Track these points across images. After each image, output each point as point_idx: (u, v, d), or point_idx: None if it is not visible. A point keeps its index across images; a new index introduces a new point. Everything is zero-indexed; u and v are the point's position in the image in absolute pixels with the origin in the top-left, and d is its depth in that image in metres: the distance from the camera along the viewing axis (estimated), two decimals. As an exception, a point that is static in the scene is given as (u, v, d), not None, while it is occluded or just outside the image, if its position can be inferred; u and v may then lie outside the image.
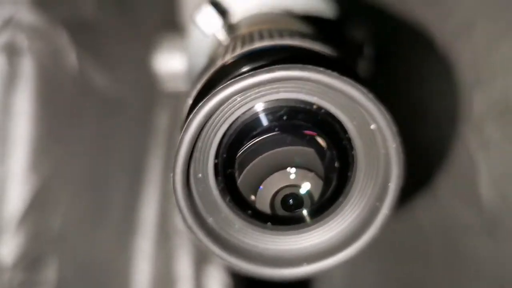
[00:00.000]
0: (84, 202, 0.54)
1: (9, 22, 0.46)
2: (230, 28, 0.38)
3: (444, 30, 0.50)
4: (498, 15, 0.43)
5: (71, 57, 0.50)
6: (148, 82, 0.54)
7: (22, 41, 0.47)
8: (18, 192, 0.46)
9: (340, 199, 0.30)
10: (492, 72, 0.42)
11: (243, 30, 0.36)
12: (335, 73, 0.24)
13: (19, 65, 0.46)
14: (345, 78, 0.24)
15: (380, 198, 0.28)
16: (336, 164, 0.29)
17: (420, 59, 0.54)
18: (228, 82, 0.24)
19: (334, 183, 0.29)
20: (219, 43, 0.37)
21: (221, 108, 0.26)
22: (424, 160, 0.50)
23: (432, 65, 0.51)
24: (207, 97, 0.24)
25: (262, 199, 0.28)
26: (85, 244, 0.54)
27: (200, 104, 0.24)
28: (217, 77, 0.28)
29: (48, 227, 0.49)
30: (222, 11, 0.38)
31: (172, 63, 0.44)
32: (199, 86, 0.29)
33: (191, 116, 0.25)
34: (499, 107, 0.41)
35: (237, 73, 0.27)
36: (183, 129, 0.25)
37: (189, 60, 0.42)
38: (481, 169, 0.41)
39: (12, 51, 0.46)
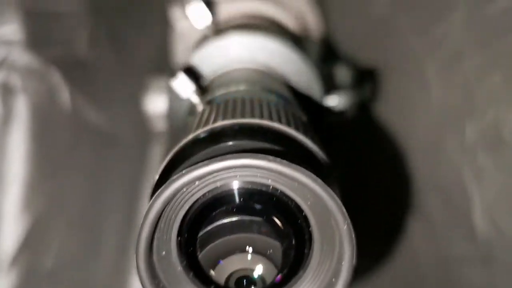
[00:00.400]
0: (78, 238, 0.54)
1: (2, 63, 0.46)
2: (203, 90, 0.40)
3: (434, 60, 0.51)
4: (488, 45, 0.43)
5: (65, 95, 0.50)
6: (141, 118, 0.54)
7: (16, 81, 0.47)
8: (11, 230, 0.46)
9: (299, 274, 0.30)
10: (484, 102, 0.43)
11: (215, 92, 0.38)
12: (284, 161, 0.25)
13: (13, 105, 0.47)
14: (294, 165, 0.25)
15: (336, 274, 0.29)
16: (293, 242, 0.30)
17: (411, 89, 0.54)
18: (184, 171, 0.25)
19: (291, 260, 0.30)
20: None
21: (180, 192, 0.27)
22: (419, 190, 0.50)
23: (423, 95, 0.52)
24: (165, 185, 0.26)
25: (220, 276, 0.30)
26: (78, 281, 0.54)
27: (157, 192, 0.26)
28: (179, 158, 0.30)
29: (42, 264, 0.49)
30: (196, 77, 0.39)
31: (159, 105, 0.45)
32: (164, 163, 0.31)
33: (150, 203, 0.26)
34: (491, 137, 0.41)
35: (196, 156, 0.28)
36: (144, 214, 0.26)
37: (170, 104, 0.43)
38: (475, 200, 0.41)
39: (6, 91, 0.46)
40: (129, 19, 0.60)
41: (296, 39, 0.41)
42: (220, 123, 0.30)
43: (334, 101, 0.42)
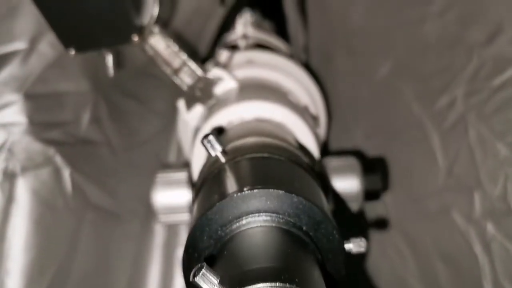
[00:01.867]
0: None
1: (2, 146, 0.46)
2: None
3: (439, 130, 0.51)
4: (492, 116, 0.44)
5: (66, 176, 0.50)
6: (145, 197, 0.54)
7: (16, 165, 0.47)
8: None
9: None
10: (491, 173, 0.43)
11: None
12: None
13: (13, 190, 0.47)
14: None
15: None
16: None
17: (416, 157, 0.55)
18: None
19: None
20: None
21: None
22: (427, 260, 0.50)
23: (429, 164, 0.52)
24: None
25: None
26: None
27: None
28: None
29: None
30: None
31: (166, 200, 0.45)
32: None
33: None
34: (499, 209, 0.41)
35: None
36: None
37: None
38: (486, 270, 0.41)
39: (6, 176, 0.46)
40: (132, 96, 0.60)
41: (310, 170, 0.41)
42: None
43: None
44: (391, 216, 0.57)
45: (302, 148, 0.41)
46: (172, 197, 0.44)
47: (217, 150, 0.33)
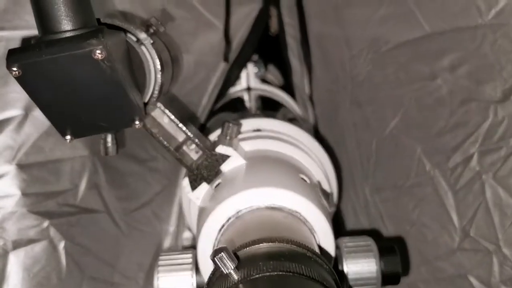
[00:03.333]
0: None
1: None
2: None
3: (455, 188, 0.49)
4: (510, 175, 0.42)
5: (59, 249, 0.48)
6: (145, 262, 0.51)
7: (8, 239, 0.45)
8: None
9: None
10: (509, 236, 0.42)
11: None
12: None
13: (5, 268, 0.44)
14: None
15: None
16: None
17: (432, 218, 0.53)
18: None
19: None
20: None
21: None
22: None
23: (445, 224, 0.50)
24: None
25: None
26: None
27: None
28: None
29: None
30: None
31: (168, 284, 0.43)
32: None
33: None
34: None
35: None
36: None
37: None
38: None
39: None
40: (130, 156, 0.58)
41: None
42: None
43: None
44: (404, 278, 0.55)
45: (319, 247, 0.39)
46: (176, 283, 0.42)
47: (229, 268, 0.31)
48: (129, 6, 0.56)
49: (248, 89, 0.69)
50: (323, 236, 0.39)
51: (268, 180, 0.39)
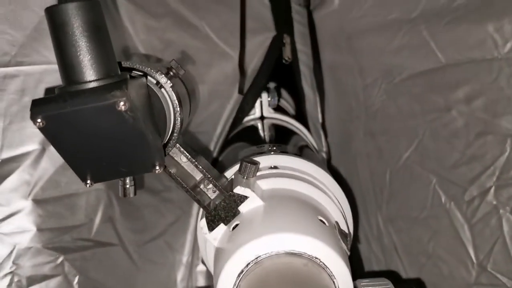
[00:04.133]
0: None
1: (7, 259, 0.44)
2: None
3: (471, 221, 0.49)
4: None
5: (73, 284, 0.47)
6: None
7: (22, 278, 0.44)
8: None
9: None
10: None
11: None
12: None
13: None
14: None
15: None
16: None
17: (447, 250, 0.52)
18: None
19: None
20: None
21: None
22: None
23: (462, 257, 0.49)
24: None
25: None
26: None
27: None
28: None
29: None
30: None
31: None
32: None
33: None
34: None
35: None
36: None
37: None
38: None
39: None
40: (145, 187, 0.58)
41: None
42: None
43: None
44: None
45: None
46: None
47: None
48: (146, 37, 0.56)
49: (262, 118, 0.69)
50: (342, 281, 0.38)
51: (287, 224, 0.38)
